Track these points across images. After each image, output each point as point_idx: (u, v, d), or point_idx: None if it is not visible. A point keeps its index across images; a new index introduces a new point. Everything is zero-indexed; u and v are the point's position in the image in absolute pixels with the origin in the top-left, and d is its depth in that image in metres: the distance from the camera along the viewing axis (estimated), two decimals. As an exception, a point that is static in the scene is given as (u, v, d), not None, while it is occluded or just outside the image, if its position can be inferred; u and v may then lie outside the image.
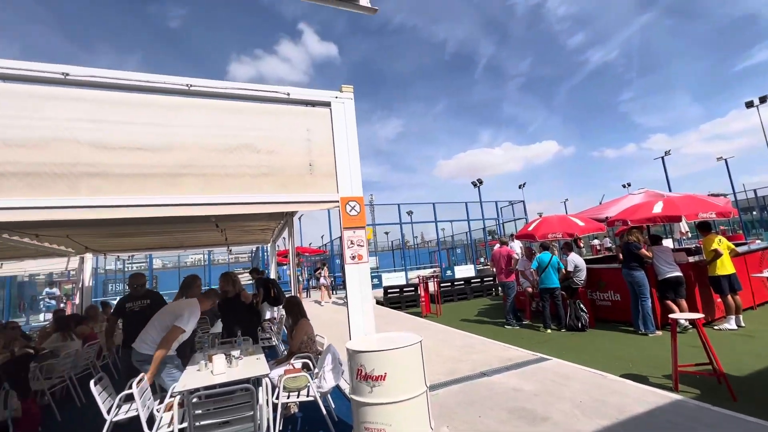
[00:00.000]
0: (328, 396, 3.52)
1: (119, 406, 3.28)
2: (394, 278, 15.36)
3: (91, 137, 2.47)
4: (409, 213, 21.89)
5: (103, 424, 3.11)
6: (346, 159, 3.07)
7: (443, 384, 4.09)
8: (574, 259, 7.08)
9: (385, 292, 11.50)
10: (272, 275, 9.55)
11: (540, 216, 11.92)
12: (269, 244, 10.52)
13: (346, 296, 3.01)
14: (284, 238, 9.81)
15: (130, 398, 3.23)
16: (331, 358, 3.29)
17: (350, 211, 3.05)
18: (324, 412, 3.20)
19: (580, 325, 6.54)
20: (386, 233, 36.50)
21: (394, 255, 26.77)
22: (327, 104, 3.10)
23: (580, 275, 6.96)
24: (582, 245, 13.15)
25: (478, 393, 3.79)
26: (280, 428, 3.17)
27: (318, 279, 15.25)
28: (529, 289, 7.87)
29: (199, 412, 2.65)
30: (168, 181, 2.63)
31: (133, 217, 2.60)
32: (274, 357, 4.81)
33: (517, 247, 9.54)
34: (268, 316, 7.40)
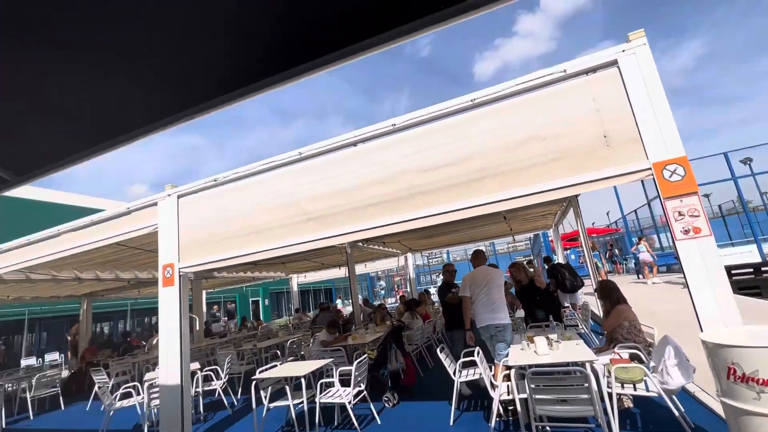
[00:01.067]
0: (674, 396, 2.99)
1: (460, 371, 4.09)
2: (737, 254, 11.14)
3: (415, 165, 3.28)
4: (745, 161, 15.24)
5: (449, 380, 3.99)
6: (651, 116, 2.57)
7: None
8: None
9: (729, 274, 8.50)
10: (560, 260, 9.15)
11: None
12: (551, 229, 10.17)
13: (684, 278, 2.49)
14: (563, 221, 9.22)
15: (465, 365, 4.00)
16: (673, 352, 2.79)
17: (670, 176, 2.51)
18: (676, 413, 2.75)
19: None
20: (706, 196, 26.96)
21: (726, 223, 19.24)
22: (613, 63, 2.72)
23: None
24: None
25: None
26: (617, 420, 2.97)
27: (634, 257, 13.04)
28: None
29: (533, 386, 2.90)
30: (471, 185, 3.09)
31: (447, 221, 3.23)
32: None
33: None
34: (566, 303, 7.11)
